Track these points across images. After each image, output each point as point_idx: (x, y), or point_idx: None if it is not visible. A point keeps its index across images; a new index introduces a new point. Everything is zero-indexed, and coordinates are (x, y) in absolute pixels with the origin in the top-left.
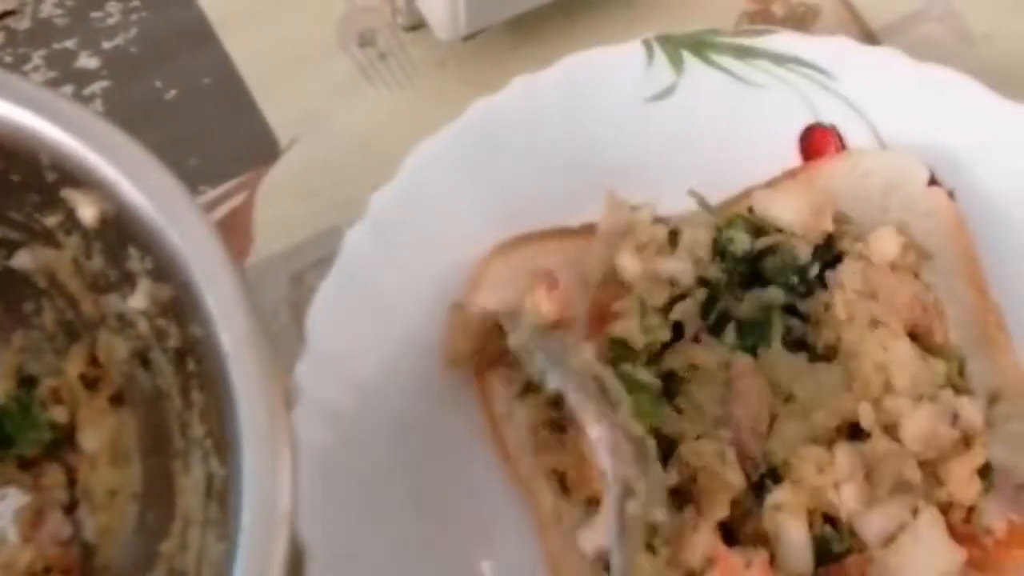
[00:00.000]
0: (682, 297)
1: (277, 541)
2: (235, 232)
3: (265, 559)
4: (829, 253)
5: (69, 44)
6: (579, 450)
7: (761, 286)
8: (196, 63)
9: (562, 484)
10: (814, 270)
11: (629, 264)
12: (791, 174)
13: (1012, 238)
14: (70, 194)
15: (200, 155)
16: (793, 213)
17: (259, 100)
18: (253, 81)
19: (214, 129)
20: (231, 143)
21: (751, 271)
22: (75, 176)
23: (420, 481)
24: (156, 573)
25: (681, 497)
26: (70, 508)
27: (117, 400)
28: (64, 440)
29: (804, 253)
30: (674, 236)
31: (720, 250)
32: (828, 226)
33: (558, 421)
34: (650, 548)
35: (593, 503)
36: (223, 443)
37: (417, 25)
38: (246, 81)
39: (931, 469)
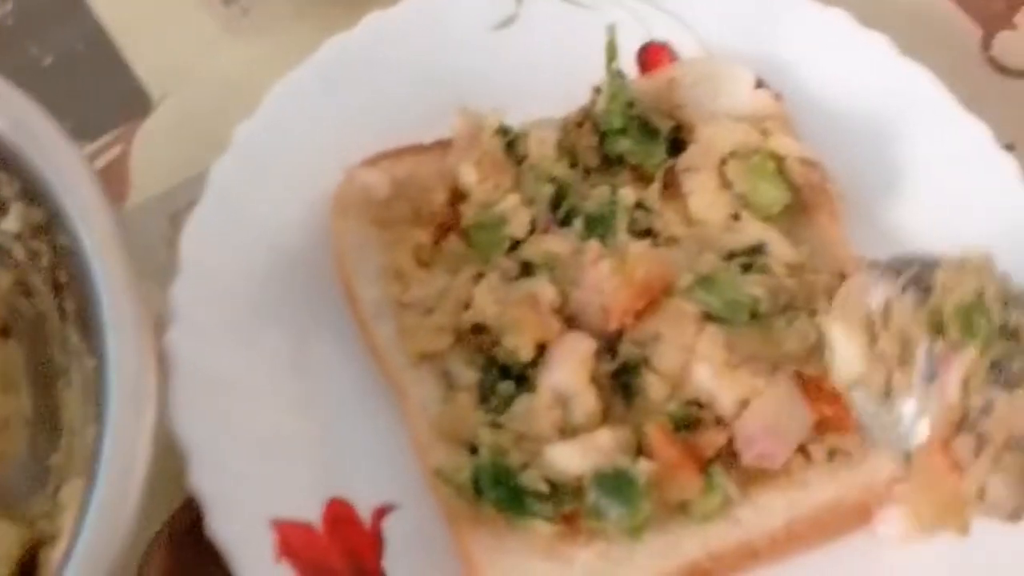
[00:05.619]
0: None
1: (145, 416)
2: (114, 180)
3: (134, 434)
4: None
5: None
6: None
7: (611, 175)
8: (69, 31)
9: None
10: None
11: (467, 173)
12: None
13: (834, 134)
14: None
15: (78, 115)
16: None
17: (130, 60)
18: (124, 43)
19: (89, 90)
20: (106, 101)
21: (603, 163)
22: None
23: (293, 385)
24: (49, 485)
25: None
26: None
27: (4, 332)
28: None
29: (665, 128)
30: (511, 145)
31: (567, 149)
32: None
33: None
34: None
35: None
36: (93, 337)
37: None
38: (117, 44)
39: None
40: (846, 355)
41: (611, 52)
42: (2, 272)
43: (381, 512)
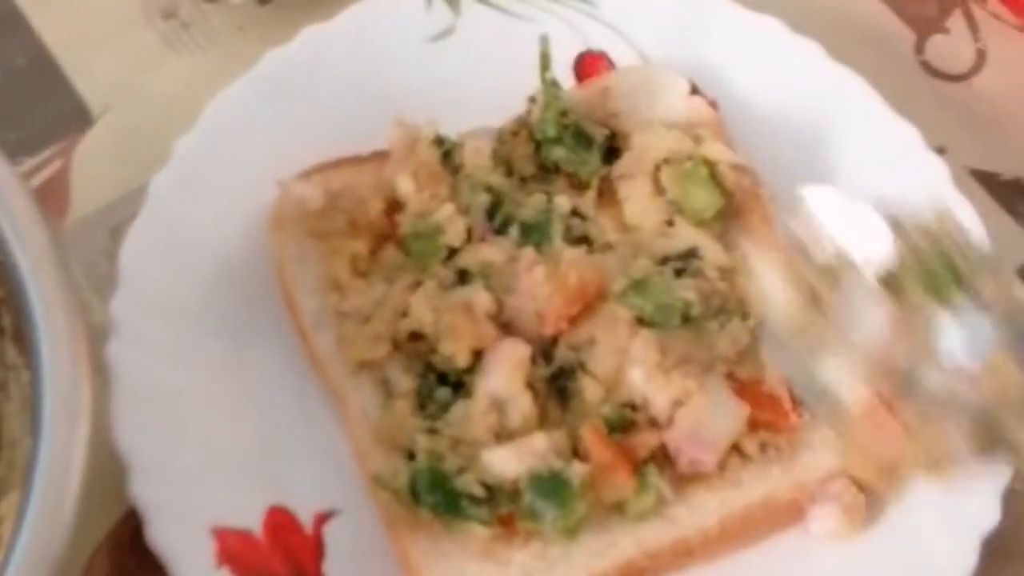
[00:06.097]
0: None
1: (79, 426)
2: (54, 195)
3: (68, 444)
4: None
5: None
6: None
7: (546, 183)
8: (9, 46)
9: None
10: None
11: (404, 184)
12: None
13: (766, 138)
14: None
15: (17, 130)
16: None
17: (70, 75)
18: (64, 58)
19: (30, 105)
20: (46, 117)
21: (538, 172)
22: None
23: (232, 391)
24: None
25: None
26: None
27: None
28: None
29: (599, 136)
30: (447, 155)
31: (503, 159)
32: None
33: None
34: None
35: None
36: (29, 352)
37: None
38: (57, 59)
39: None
40: (779, 305)
41: (544, 62)
42: None
43: (322, 518)
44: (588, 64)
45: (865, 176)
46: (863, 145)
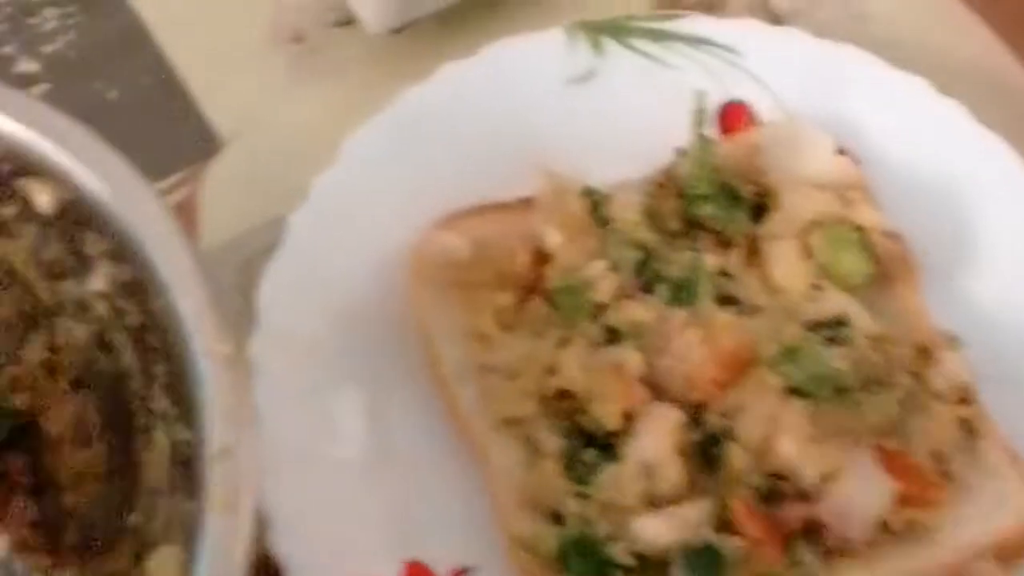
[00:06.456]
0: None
1: (245, 498)
2: (182, 224)
3: (233, 517)
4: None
5: (8, 50)
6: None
7: (692, 238)
8: (134, 64)
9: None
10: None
11: (552, 236)
12: None
13: (909, 200)
14: (25, 183)
15: (143, 153)
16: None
17: (198, 98)
18: (191, 80)
19: (156, 127)
20: (173, 140)
21: (685, 227)
22: (29, 166)
23: (369, 440)
24: (125, 545)
25: None
26: (36, 491)
27: (78, 384)
28: (26, 426)
29: (748, 194)
30: (596, 207)
31: (650, 213)
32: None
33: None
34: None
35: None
36: (188, 411)
37: (347, 21)
38: (184, 80)
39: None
40: None
41: (699, 118)
42: (80, 326)
43: (458, 575)
44: (731, 114)
45: (1011, 243)
46: (1008, 211)
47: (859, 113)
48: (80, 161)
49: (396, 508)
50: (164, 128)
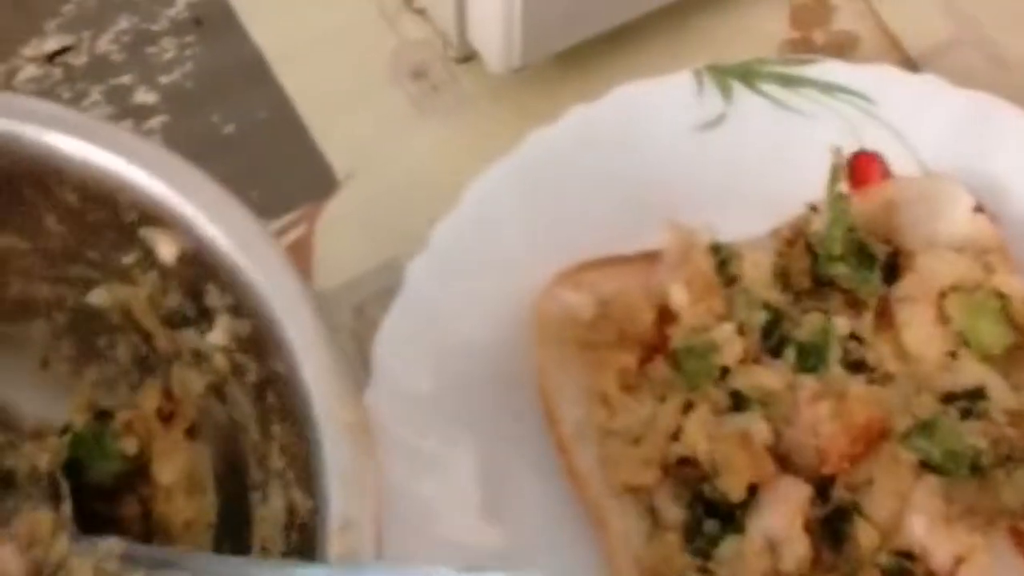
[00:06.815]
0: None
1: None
2: (297, 263)
3: None
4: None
5: (126, 79)
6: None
7: (821, 298)
8: (252, 98)
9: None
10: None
11: (678, 294)
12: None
13: None
14: (149, 233)
15: (259, 189)
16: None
17: (315, 134)
18: (308, 115)
19: (272, 163)
20: (289, 177)
21: (814, 286)
22: (154, 215)
23: (483, 496)
24: None
25: None
26: (146, 539)
27: (192, 433)
28: (138, 473)
29: (882, 254)
30: (724, 264)
31: (779, 271)
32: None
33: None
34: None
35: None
36: (306, 476)
37: (468, 57)
38: (301, 115)
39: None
40: None
41: (835, 174)
42: (196, 375)
43: None
44: (862, 166)
45: None
46: None
47: (1001, 170)
48: (204, 212)
49: (508, 565)
50: (281, 164)
